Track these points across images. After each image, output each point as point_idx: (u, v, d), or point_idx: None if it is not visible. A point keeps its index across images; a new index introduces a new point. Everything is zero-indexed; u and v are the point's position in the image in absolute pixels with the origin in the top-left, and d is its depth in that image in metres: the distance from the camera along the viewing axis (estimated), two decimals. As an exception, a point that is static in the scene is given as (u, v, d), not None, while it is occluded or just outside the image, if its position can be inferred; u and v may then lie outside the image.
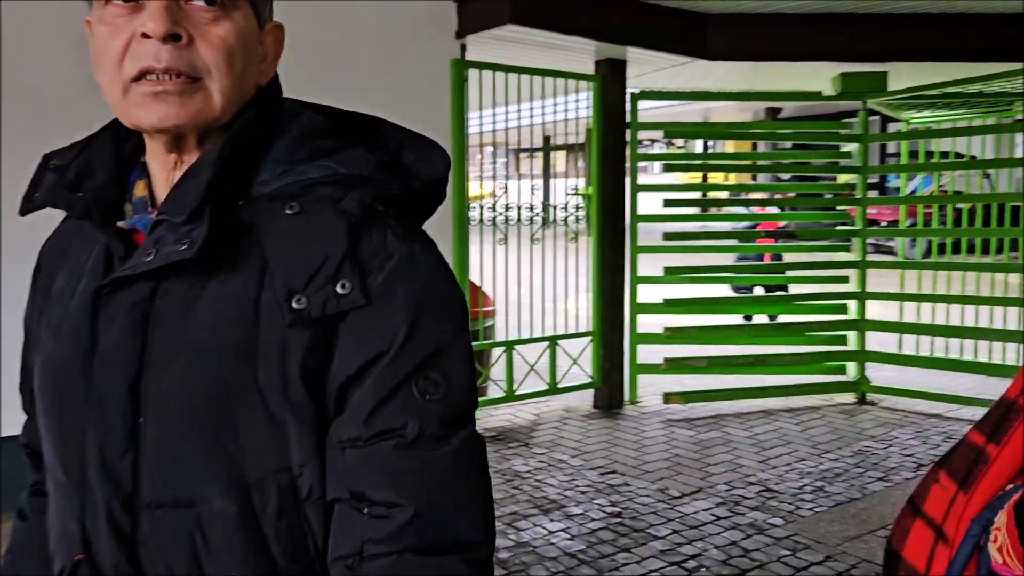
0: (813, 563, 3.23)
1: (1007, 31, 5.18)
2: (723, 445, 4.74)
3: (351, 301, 0.76)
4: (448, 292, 0.82)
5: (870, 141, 5.54)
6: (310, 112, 0.87)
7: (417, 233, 0.83)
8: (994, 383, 5.85)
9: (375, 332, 0.77)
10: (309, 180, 0.81)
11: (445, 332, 0.79)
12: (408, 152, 0.86)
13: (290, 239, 0.78)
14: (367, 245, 0.78)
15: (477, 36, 4.73)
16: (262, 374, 0.76)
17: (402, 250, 0.79)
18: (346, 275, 0.77)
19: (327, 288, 0.76)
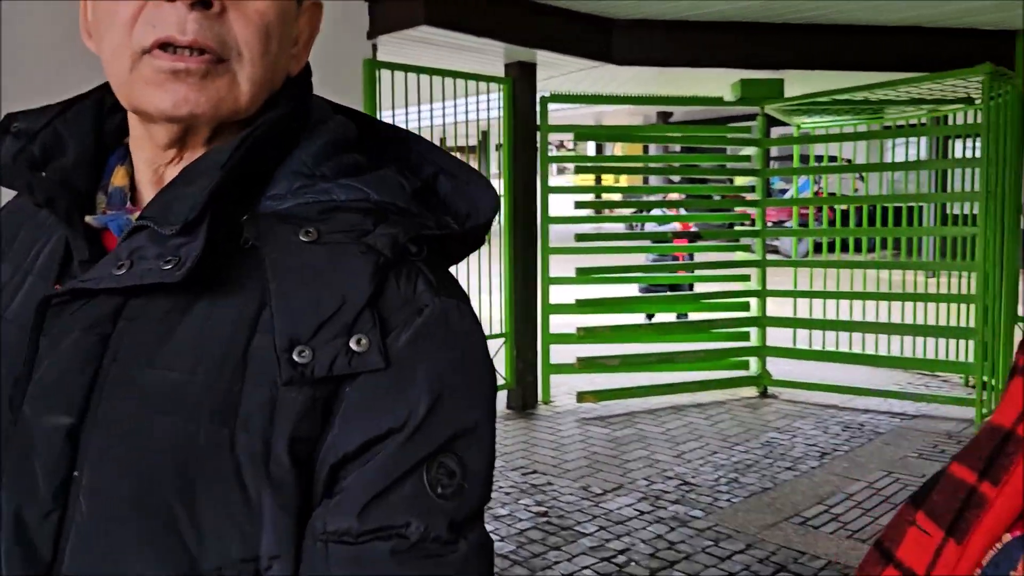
0: (735, 552, 3.35)
1: (891, 42, 5.51)
2: (639, 441, 4.85)
3: (366, 362, 0.61)
4: (482, 365, 0.66)
5: (768, 145, 5.78)
6: (341, 116, 0.73)
7: (452, 285, 0.67)
8: (882, 374, 6.23)
9: (389, 404, 0.61)
10: (332, 203, 0.66)
11: (472, 414, 0.64)
12: (445, 181, 0.72)
13: (301, 273, 0.62)
14: (394, 294, 0.63)
15: (389, 37, 4.68)
16: (241, 439, 0.59)
17: (435, 306, 0.64)
18: (364, 328, 0.61)
19: (339, 341, 0.61)
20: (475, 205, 0.71)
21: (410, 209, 0.67)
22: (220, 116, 0.66)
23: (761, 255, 5.86)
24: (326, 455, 0.61)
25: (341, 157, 0.69)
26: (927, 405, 5.42)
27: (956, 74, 4.84)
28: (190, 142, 0.68)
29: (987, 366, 4.92)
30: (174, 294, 0.62)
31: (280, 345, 0.60)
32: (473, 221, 0.71)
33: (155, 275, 0.61)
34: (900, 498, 3.87)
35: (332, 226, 0.64)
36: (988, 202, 4.75)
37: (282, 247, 0.63)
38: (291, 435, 0.60)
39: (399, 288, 0.63)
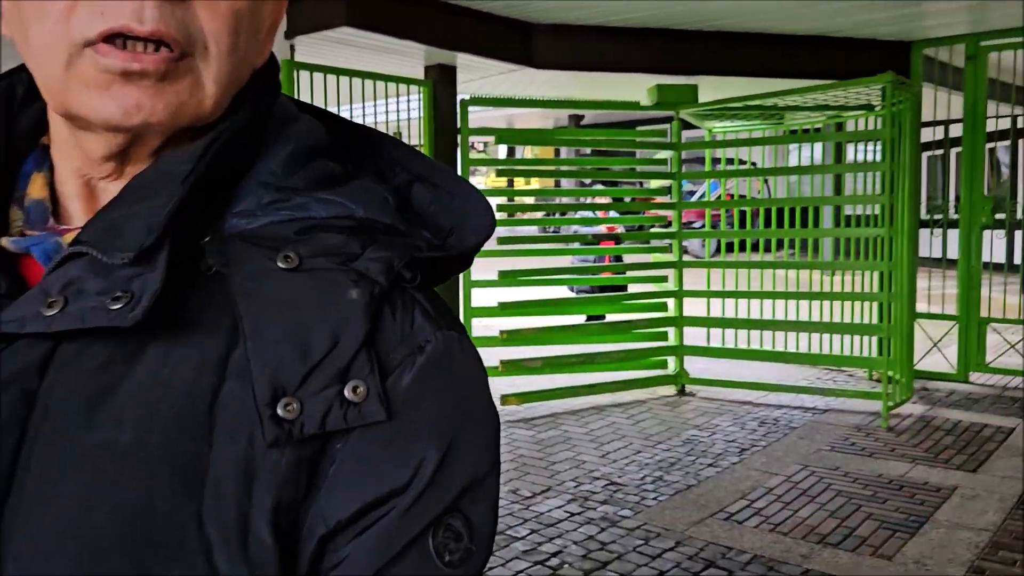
0: (666, 550, 3.41)
1: (799, 51, 5.72)
2: (564, 443, 4.89)
3: (364, 414, 0.51)
4: (488, 404, 0.57)
5: (684, 149, 5.92)
6: (308, 116, 0.61)
7: (450, 315, 0.58)
8: (793, 370, 6.46)
9: (391, 461, 0.52)
10: (311, 221, 0.55)
11: (480, 464, 0.55)
12: (423, 191, 0.61)
13: (281, 307, 0.51)
14: (390, 330, 0.53)
15: (308, 37, 4.59)
16: (211, 512, 0.48)
17: (437, 341, 0.54)
18: (361, 374, 0.51)
19: (332, 391, 0.50)
20: (464, 221, 0.60)
21: (397, 227, 0.57)
22: (179, 124, 0.53)
23: (678, 256, 6.00)
24: (314, 524, 0.50)
25: (314, 165, 0.57)
26: (836, 400, 5.65)
27: (861, 82, 5.06)
28: (135, 154, 0.55)
29: (891, 361, 5.16)
30: (118, 336, 0.50)
31: (261, 397, 0.49)
32: (461, 239, 0.60)
33: (101, 317, 0.49)
34: (817, 491, 4.02)
35: (313, 249, 0.54)
36: (892, 204, 4.98)
37: (255, 275, 0.52)
38: (273, 504, 0.49)
39: (395, 321, 0.54)
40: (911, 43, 5.94)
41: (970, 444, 4.68)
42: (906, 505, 3.81)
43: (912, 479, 4.15)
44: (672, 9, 5.08)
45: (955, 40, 5.87)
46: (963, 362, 6.16)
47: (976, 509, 3.74)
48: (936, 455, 4.51)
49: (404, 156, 0.62)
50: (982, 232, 6.09)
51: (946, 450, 4.59)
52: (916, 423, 5.13)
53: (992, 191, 6.04)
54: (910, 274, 5.40)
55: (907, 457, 4.48)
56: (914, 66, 5.92)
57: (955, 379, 6.15)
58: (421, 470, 0.52)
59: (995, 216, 6.17)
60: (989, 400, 5.66)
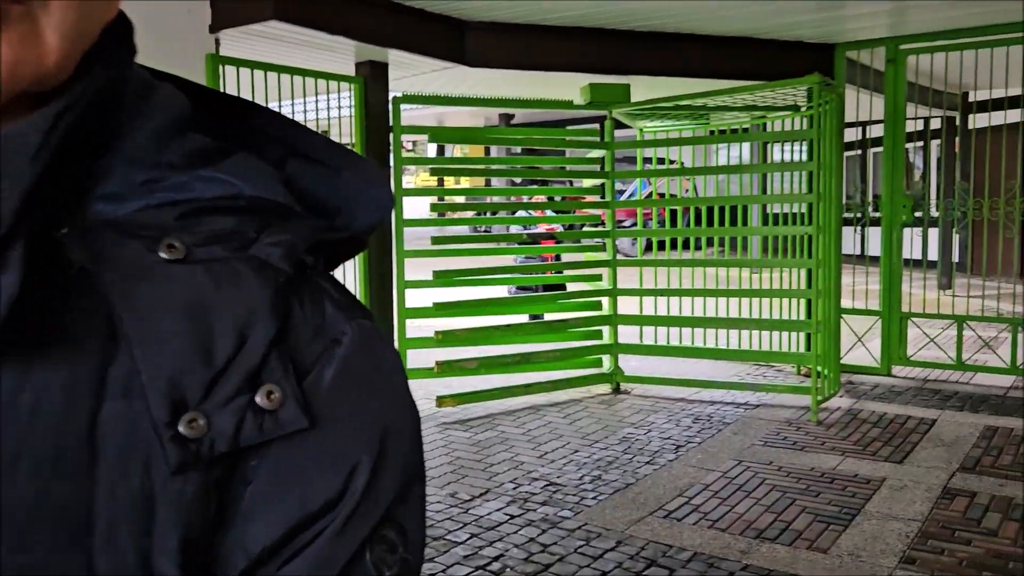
0: (607, 550, 3.40)
1: (728, 52, 5.80)
2: (501, 444, 4.85)
3: (283, 423, 0.44)
4: (410, 397, 0.51)
5: (617, 148, 5.94)
6: (169, 84, 0.51)
7: (356, 301, 0.52)
8: (723, 366, 6.56)
9: (317, 473, 0.45)
10: (194, 203, 0.47)
11: (411, 464, 0.50)
12: (303, 166, 0.53)
13: (169, 307, 0.44)
14: (300, 324, 0.47)
15: (235, 31, 4.44)
16: (104, 564, 0.40)
17: (353, 332, 0.48)
18: (274, 376, 0.44)
19: (242, 400, 0.43)
20: (355, 199, 0.53)
21: (291, 206, 0.49)
22: (15, 87, 0.42)
23: (612, 255, 6.02)
24: (232, 556, 0.43)
25: (186, 138, 0.49)
26: (766, 395, 5.75)
27: (789, 83, 5.16)
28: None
29: (820, 356, 5.27)
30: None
31: (158, 415, 0.42)
32: (352, 219, 0.52)
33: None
34: (752, 486, 4.07)
35: (201, 236, 0.46)
36: (818, 203, 5.09)
37: (134, 271, 0.44)
38: (181, 542, 0.42)
39: (305, 314, 0.47)
40: (835, 46, 6.09)
41: (896, 436, 4.82)
42: (838, 498, 3.89)
43: (843, 472, 4.24)
44: (605, 9, 5.09)
45: (876, 43, 6.04)
46: (886, 356, 6.35)
47: (905, 500, 3.84)
48: (864, 447, 4.63)
49: (280, 128, 0.54)
50: (903, 230, 6.28)
51: (873, 442, 4.71)
52: (844, 416, 5.25)
53: (908, 191, 6.24)
54: (836, 271, 5.53)
55: (837, 450, 4.59)
56: (838, 68, 6.08)
57: (878, 373, 6.34)
58: (354, 480, 0.46)
59: (915, 214, 6.37)
60: (911, 392, 5.85)
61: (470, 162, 8.57)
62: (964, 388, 5.94)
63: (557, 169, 7.03)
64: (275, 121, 0.54)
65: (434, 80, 6.03)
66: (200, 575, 0.43)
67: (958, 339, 6.14)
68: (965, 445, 4.62)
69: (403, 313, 5.43)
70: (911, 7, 5.30)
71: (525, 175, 7.07)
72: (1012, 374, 6.02)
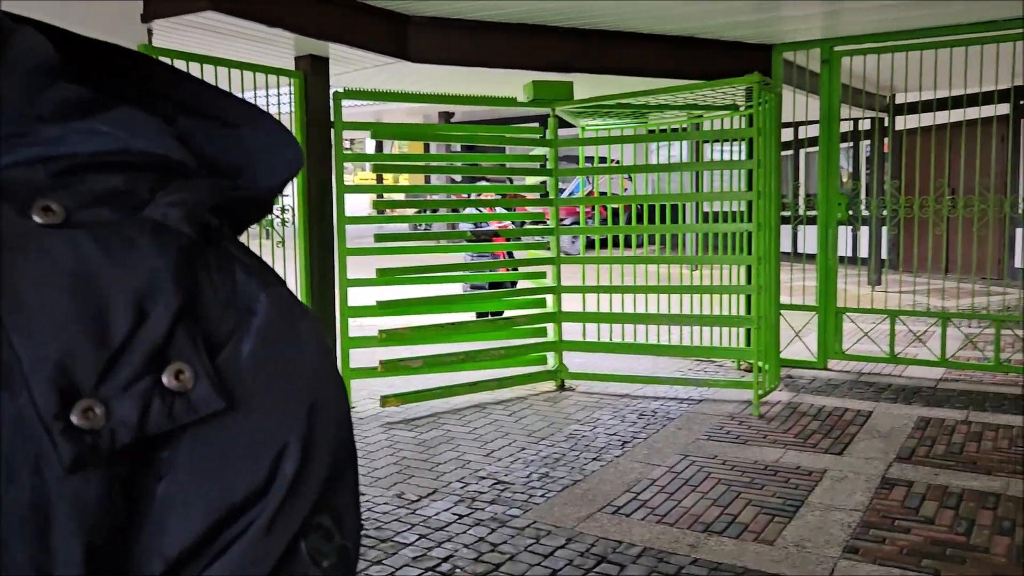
0: (557, 547, 3.39)
1: (669, 51, 5.85)
2: (447, 443, 4.80)
3: (196, 406, 0.39)
4: (336, 370, 0.47)
5: (560, 145, 5.94)
6: (30, 28, 0.45)
7: (267, 267, 0.47)
8: (664, 362, 6.63)
9: (240, 460, 0.40)
10: (73, 159, 0.41)
11: (343, 442, 0.45)
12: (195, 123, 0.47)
13: (51, 280, 0.38)
14: (209, 293, 0.41)
15: (168, 21, 4.30)
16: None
17: (268, 300, 0.43)
18: (183, 353, 0.39)
19: (146, 382, 0.38)
20: (257, 158, 0.48)
21: (187, 163, 0.44)
22: None
23: (556, 253, 6.03)
24: (147, 562, 0.38)
25: (55, 88, 0.43)
26: (708, 390, 5.82)
27: (730, 82, 5.23)
28: None
29: (761, 351, 5.36)
30: None
31: (44, 405, 0.36)
32: (255, 179, 0.47)
33: None
34: (698, 480, 4.11)
35: (84, 196, 0.40)
36: (758, 200, 5.17)
37: (2, 238, 0.38)
38: (85, 550, 0.36)
39: (213, 282, 0.42)
40: (772, 47, 6.20)
41: (834, 428, 4.93)
42: (782, 490, 3.95)
43: (785, 464, 4.31)
44: (548, 6, 5.08)
45: (811, 45, 6.17)
46: (822, 350, 6.49)
47: (845, 490, 3.92)
48: (805, 440, 4.71)
49: (168, 80, 0.48)
50: (838, 228, 6.43)
51: (813, 435, 4.81)
52: (784, 410, 5.35)
53: (841, 190, 6.40)
54: (775, 267, 5.63)
55: (779, 443, 4.66)
56: (775, 69, 6.19)
57: (815, 366, 6.48)
58: (282, 465, 0.40)
59: (850, 213, 6.53)
60: (847, 385, 5.99)
61: (413, 159, 8.49)
62: (897, 380, 6.11)
63: (499, 167, 7.02)
64: (162, 72, 0.48)
65: (375, 76, 5.94)
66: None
67: (891, 333, 6.31)
68: (900, 436, 4.75)
69: (345, 312, 5.33)
70: (845, 9, 5.42)
71: (473, 172, 7.04)
72: (942, 366, 6.21)
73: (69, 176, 0.40)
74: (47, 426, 0.35)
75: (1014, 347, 6.40)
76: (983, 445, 4.55)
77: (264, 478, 0.40)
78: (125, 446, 0.37)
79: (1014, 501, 3.75)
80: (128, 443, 0.37)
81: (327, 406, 0.43)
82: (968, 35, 5.71)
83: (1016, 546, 3.30)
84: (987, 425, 4.92)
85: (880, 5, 5.24)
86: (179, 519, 0.38)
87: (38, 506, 0.35)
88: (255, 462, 0.40)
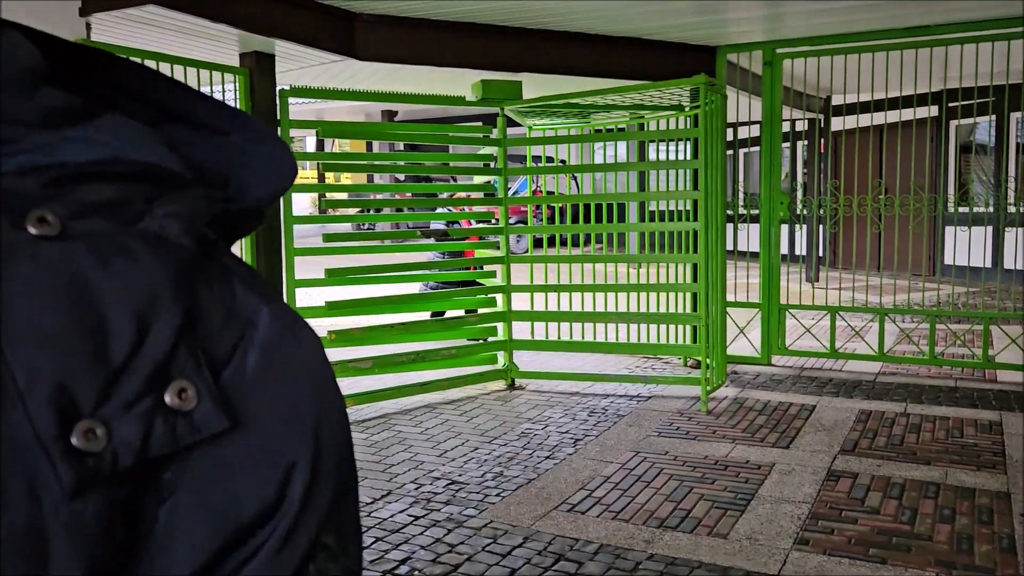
0: (514, 546, 3.39)
1: (616, 52, 5.90)
2: (399, 444, 4.77)
3: (200, 426, 0.37)
4: (336, 384, 0.45)
5: (509, 145, 5.95)
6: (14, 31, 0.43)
7: (267, 282, 0.45)
8: (613, 359, 6.69)
9: (248, 479, 0.39)
10: (63, 168, 0.39)
11: (347, 460, 0.44)
12: (180, 131, 0.45)
13: (48, 294, 0.36)
14: (210, 307, 0.40)
15: (108, 15, 4.17)
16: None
17: (268, 314, 0.42)
18: (185, 370, 0.37)
19: (148, 401, 0.36)
20: (248, 166, 0.46)
21: (183, 173, 0.42)
22: None
23: (506, 252, 6.03)
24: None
25: (43, 93, 0.41)
26: (657, 386, 5.89)
27: (678, 83, 5.30)
28: None
29: (709, 348, 5.44)
30: None
31: (43, 427, 0.34)
32: (246, 190, 0.45)
33: None
34: (651, 476, 4.16)
35: (77, 207, 0.38)
36: (705, 199, 5.25)
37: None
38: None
39: (214, 296, 0.40)
40: (716, 48, 6.30)
41: (780, 422, 5.03)
42: (732, 484, 4.02)
43: (735, 459, 4.39)
44: (497, 5, 5.08)
45: (754, 47, 6.29)
46: (766, 346, 6.63)
47: (794, 483, 4.01)
48: (753, 434, 4.81)
49: (152, 85, 0.46)
50: (780, 226, 6.58)
51: (760, 429, 4.90)
52: (731, 405, 5.45)
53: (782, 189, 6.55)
54: (722, 265, 5.72)
55: (728, 438, 4.75)
56: (719, 70, 6.29)
57: (760, 362, 6.61)
58: (291, 484, 0.39)
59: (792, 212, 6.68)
60: (791, 380, 6.13)
61: (360, 158, 8.41)
62: (838, 375, 6.27)
63: (445, 166, 6.99)
64: (146, 77, 0.46)
65: (321, 74, 5.87)
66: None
67: (831, 329, 6.48)
68: (844, 429, 4.87)
69: (293, 313, 5.26)
70: (787, 13, 5.54)
71: (423, 171, 7.01)
72: (879, 360, 6.40)
73: (61, 186, 0.38)
74: (46, 448, 0.34)
75: (947, 341, 6.64)
76: (922, 436, 4.71)
77: (273, 498, 0.39)
78: (127, 469, 0.35)
79: (953, 490, 3.88)
80: (130, 466, 0.35)
81: (333, 421, 0.42)
82: (901, 39, 5.89)
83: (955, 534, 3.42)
84: (925, 417, 5.09)
85: (821, 9, 5.37)
86: (185, 542, 0.37)
87: (35, 531, 0.33)
88: (263, 481, 0.39)
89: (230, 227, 0.45)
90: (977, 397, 5.55)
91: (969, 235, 6.25)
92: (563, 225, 6.38)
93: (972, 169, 11.44)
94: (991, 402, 5.41)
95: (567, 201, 6.05)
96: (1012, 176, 9.10)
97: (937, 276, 8.77)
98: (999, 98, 6.23)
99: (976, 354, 6.24)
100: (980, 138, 11.41)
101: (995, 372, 6.11)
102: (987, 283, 8.71)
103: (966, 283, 7.45)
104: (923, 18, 5.62)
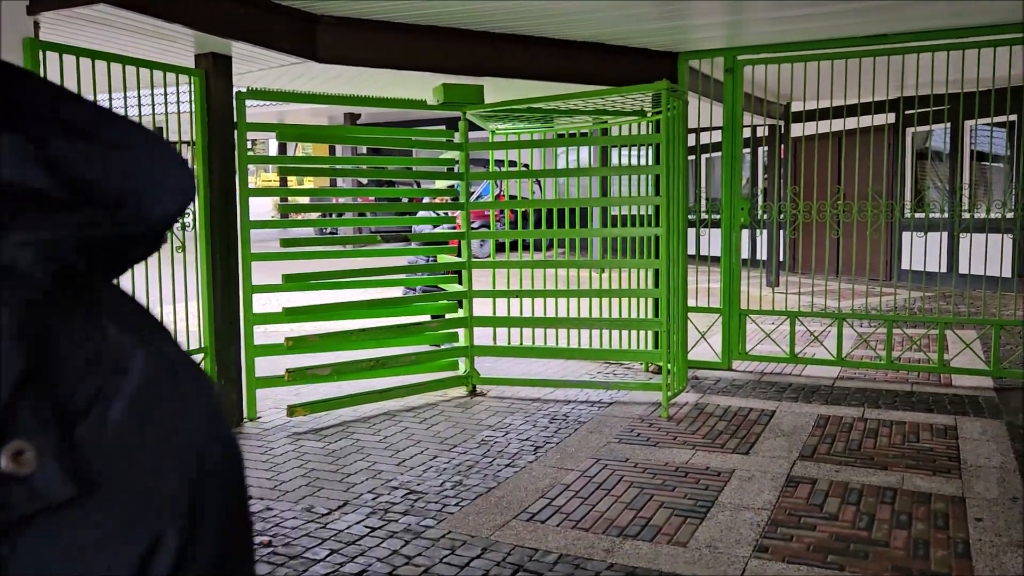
0: (473, 557, 3.34)
1: (579, 57, 5.89)
2: (357, 452, 4.70)
3: (39, 494, 0.32)
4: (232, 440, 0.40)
5: (471, 149, 5.90)
6: None
7: (143, 314, 0.40)
8: (573, 365, 6.67)
9: (99, 556, 0.34)
10: None
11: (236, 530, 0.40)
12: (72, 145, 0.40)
13: None
14: (70, 352, 0.35)
15: (58, 14, 4.06)
16: None
17: (144, 357, 0.37)
18: (24, 429, 0.33)
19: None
20: (144, 184, 0.41)
21: (52, 192, 0.37)
22: None
23: (467, 256, 5.98)
24: None
25: None
26: (618, 392, 5.88)
27: (640, 88, 5.30)
28: None
29: (671, 354, 5.44)
30: None
31: None
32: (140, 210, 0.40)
33: None
34: (611, 483, 4.14)
35: None
36: (667, 205, 5.25)
37: None
38: None
39: (72, 337, 0.35)
40: (678, 54, 6.32)
41: (740, 428, 5.05)
42: (692, 491, 4.02)
43: (695, 465, 4.39)
44: (459, 8, 5.04)
45: (716, 53, 6.32)
46: (727, 351, 6.66)
47: (753, 490, 4.01)
48: (713, 440, 4.81)
49: (44, 97, 0.41)
50: (741, 232, 6.61)
51: (721, 435, 4.91)
52: (692, 411, 5.45)
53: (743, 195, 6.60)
54: (683, 270, 5.73)
55: (688, 444, 4.74)
56: (681, 76, 6.31)
57: (720, 367, 6.64)
58: (155, 560, 0.34)
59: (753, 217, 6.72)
60: (751, 385, 6.16)
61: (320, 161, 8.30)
62: (797, 380, 6.31)
63: (406, 170, 6.92)
64: (41, 89, 0.41)
65: (281, 76, 5.77)
66: None
67: (791, 334, 6.53)
68: (803, 434, 4.90)
69: (250, 319, 5.16)
70: (748, 20, 5.57)
71: (385, 175, 6.93)
72: (838, 365, 6.46)
73: None
74: None
75: (903, 345, 6.71)
76: (879, 441, 4.75)
77: (133, 572, 0.33)
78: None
79: (909, 495, 3.91)
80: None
81: (219, 482, 0.37)
82: (859, 47, 5.96)
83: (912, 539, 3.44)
84: (882, 422, 5.14)
85: (781, 16, 5.40)
86: None
87: None
88: (118, 558, 0.33)
89: (117, 253, 0.40)
90: (933, 401, 5.62)
91: (925, 240, 6.33)
92: (526, 230, 6.35)
93: (928, 176, 11.64)
94: (946, 406, 5.48)
95: (530, 206, 6.02)
96: (966, 183, 9.27)
97: (894, 281, 8.89)
98: (954, 106, 6.32)
99: (932, 358, 6.32)
100: (936, 145, 11.62)
101: (950, 376, 6.20)
102: (942, 288, 8.85)
103: (922, 288, 7.56)
104: (882, 27, 5.68)
